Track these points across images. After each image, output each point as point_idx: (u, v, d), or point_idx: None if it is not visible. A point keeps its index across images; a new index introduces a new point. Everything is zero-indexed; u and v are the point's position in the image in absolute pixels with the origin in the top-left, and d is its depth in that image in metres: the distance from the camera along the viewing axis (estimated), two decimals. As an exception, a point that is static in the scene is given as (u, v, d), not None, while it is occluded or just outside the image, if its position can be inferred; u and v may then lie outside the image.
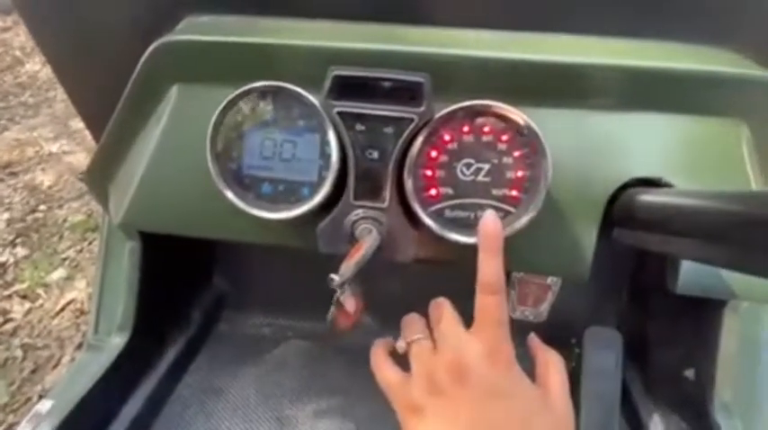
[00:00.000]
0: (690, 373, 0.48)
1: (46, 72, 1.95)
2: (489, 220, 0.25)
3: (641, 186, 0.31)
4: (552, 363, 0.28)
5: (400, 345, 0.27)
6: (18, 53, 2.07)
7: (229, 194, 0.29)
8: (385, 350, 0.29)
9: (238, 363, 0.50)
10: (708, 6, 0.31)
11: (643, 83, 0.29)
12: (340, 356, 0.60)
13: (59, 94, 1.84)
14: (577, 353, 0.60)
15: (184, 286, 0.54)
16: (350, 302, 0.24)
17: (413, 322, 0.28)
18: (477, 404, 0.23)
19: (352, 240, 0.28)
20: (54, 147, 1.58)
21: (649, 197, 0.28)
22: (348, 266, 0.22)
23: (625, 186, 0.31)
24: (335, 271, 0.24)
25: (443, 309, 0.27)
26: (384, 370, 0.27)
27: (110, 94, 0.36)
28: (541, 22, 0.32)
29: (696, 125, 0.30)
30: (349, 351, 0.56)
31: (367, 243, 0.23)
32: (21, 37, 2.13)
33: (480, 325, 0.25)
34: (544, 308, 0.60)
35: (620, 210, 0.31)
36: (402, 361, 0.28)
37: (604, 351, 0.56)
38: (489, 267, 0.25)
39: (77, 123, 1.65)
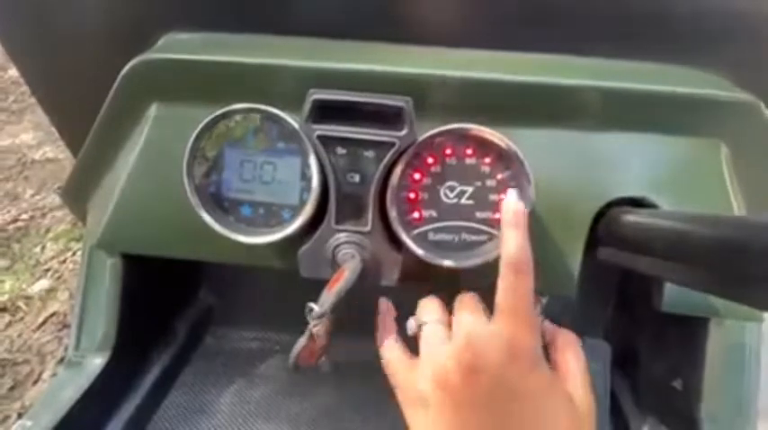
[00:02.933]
0: (678, 384, 0.48)
1: (29, 78, 1.89)
2: (512, 198, 0.24)
3: (625, 206, 0.31)
4: (571, 348, 0.24)
5: (411, 326, 0.24)
6: (1, 59, 2.03)
7: (207, 218, 0.28)
8: (393, 322, 0.25)
9: (225, 379, 0.49)
10: (687, 29, 0.31)
11: (624, 104, 0.30)
12: (329, 371, 0.59)
13: (43, 100, 1.79)
14: (566, 364, 0.59)
15: (169, 300, 0.53)
16: (321, 336, 0.23)
17: (430, 303, 0.25)
18: (487, 407, 0.19)
19: (335, 265, 0.27)
20: (37, 155, 1.55)
21: (632, 218, 0.28)
22: (328, 296, 0.22)
23: (610, 205, 0.31)
24: (324, 284, 0.23)
25: (465, 297, 0.24)
26: (389, 348, 0.24)
27: (87, 111, 0.36)
28: (524, 41, 0.32)
29: (676, 145, 0.31)
30: (339, 365, 0.55)
31: (348, 270, 0.23)
32: (4, 42, 2.08)
33: (503, 312, 0.21)
34: (533, 319, 0.60)
35: (604, 229, 0.31)
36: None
37: (593, 361, 0.56)
38: (515, 241, 0.22)
39: (62, 130, 1.61)
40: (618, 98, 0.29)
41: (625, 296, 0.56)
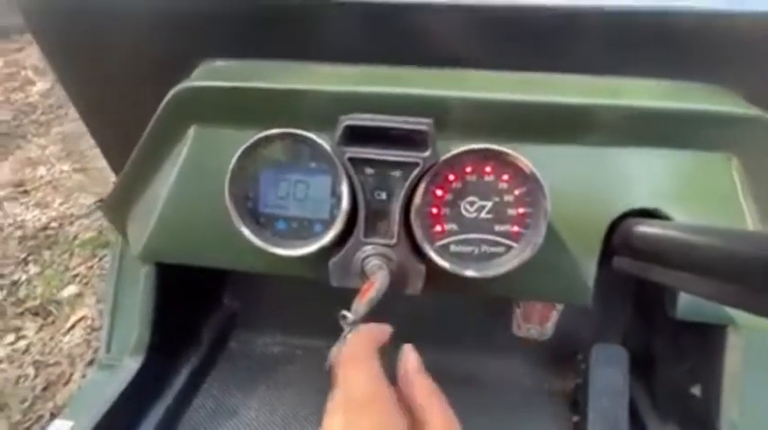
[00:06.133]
0: (696, 390, 0.48)
1: (57, 90, 1.99)
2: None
3: (639, 217, 0.32)
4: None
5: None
6: (30, 73, 2.13)
7: (247, 232, 0.30)
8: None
9: (250, 383, 0.51)
10: (696, 45, 0.32)
11: (637, 121, 0.31)
12: None
13: (71, 112, 1.88)
14: (583, 369, 0.60)
15: (196, 306, 0.55)
16: None
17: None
18: None
19: (363, 275, 0.29)
20: (65, 166, 1.61)
21: (646, 228, 0.29)
22: (361, 304, 0.24)
23: (624, 216, 0.32)
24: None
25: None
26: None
27: (129, 132, 0.39)
28: (536, 61, 0.34)
29: (689, 159, 0.32)
30: None
31: (378, 281, 0.25)
32: (32, 57, 2.18)
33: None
34: (549, 325, 0.61)
35: (618, 239, 0.32)
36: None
37: (611, 368, 0.57)
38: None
39: (88, 141, 1.68)
40: (631, 115, 0.31)
41: (642, 302, 0.56)
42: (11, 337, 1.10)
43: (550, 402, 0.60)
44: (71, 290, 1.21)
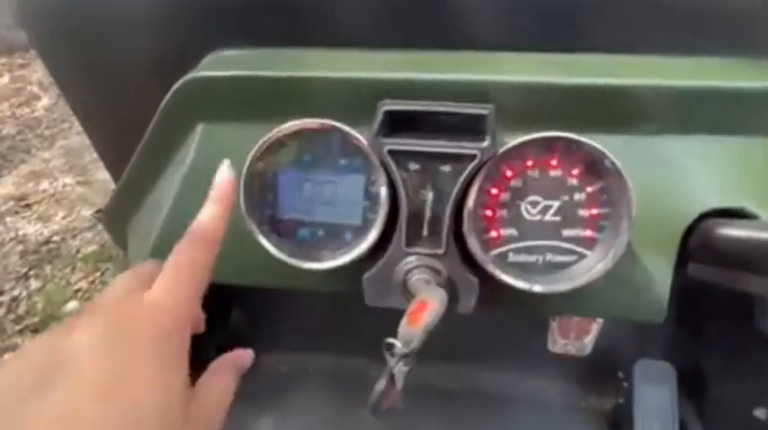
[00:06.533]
0: (761, 413, 0.43)
1: (61, 105, 1.99)
2: (221, 172, 0.22)
3: (720, 217, 0.27)
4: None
5: None
6: (35, 88, 2.13)
7: (265, 242, 0.26)
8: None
9: (258, 403, 0.48)
10: (755, 19, 0.28)
11: (710, 104, 0.27)
12: (363, 392, 0.56)
13: (75, 125, 1.87)
14: (626, 388, 0.55)
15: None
16: (401, 376, 0.20)
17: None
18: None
19: (406, 292, 0.24)
20: (68, 179, 1.59)
21: (730, 230, 0.25)
22: (415, 332, 0.19)
23: (702, 217, 0.27)
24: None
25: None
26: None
27: (129, 134, 0.35)
28: (580, 41, 0.30)
29: None
30: (372, 385, 0.52)
31: (435, 302, 0.20)
32: (38, 72, 2.19)
33: (162, 275, 0.18)
34: (588, 340, 0.56)
35: (696, 244, 0.28)
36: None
37: (658, 386, 0.52)
38: (208, 213, 0.20)
39: (91, 154, 1.66)
40: (703, 98, 0.26)
41: (687, 312, 0.51)
42: (9, 356, 1.07)
43: (588, 422, 0.56)
44: (72, 305, 1.17)
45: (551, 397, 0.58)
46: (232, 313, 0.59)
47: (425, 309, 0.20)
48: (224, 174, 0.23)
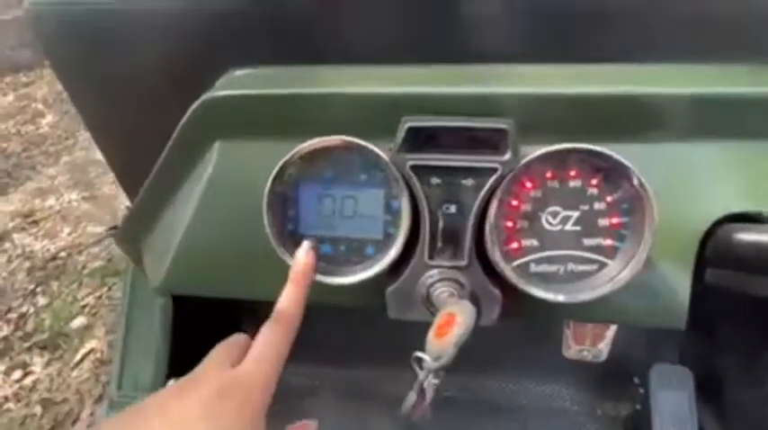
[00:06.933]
0: None
1: (65, 122, 2.02)
2: (300, 254, 0.25)
3: (738, 222, 0.27)
4: None
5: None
6: (40, 105, 2.16)
7: (288, 259, 0.26)
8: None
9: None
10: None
11: (724, 110, 0.27)
12: (374, 405, 0.55)
13: (79, 142, 1.89)
14: (642, 394, 0.54)
15: (211, 337, 0.51)
16: (431, 389, 0.21)
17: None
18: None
19: (429, 305, 0.24)
20: (74, 195, 1.60)
21: (749, 235, 0.25)
22: (445, 347, 0.19)
23: (719, 222, 0.27)
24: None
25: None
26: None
27: (142, 149, 0.35)
28: (594, 51, 0.30)
29: None
30: (383, 397, 0.51)
31: (464, 315, 0.20)
32: (43, 90, 2.22)
33: (250, 356, 0.21)
34: (603, 346, 0.55)
35: (714, 249, 0.28)
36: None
37: (675, 391, 0.51)
38: (287, 296, 0.23)
39: (96, 169, 1.68)
40: (717, 104, 0.27)
41: (702, 316, 0.51)
42: (18, 374, 1.07)
43: (604, 429, 0.55)
44: (80, 321, 1.17)
45: (567, 404, 0.58)
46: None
47: (454, 322, 0.20)
48: (303, 256, 0.25)
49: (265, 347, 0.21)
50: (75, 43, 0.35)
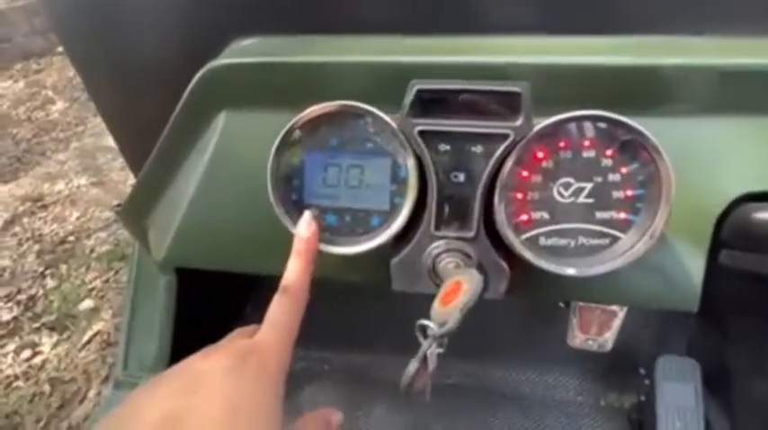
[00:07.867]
0: None
1: (75, 109, 2.03)
2: (302, 225, 0.25)
3: (756, 202, 0.26)
4: None
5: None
6: (50, 92, 2.17)
7: (293, 229, 0.25)
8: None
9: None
10: None
11: (755, 83, 0.26)
12: (380, 391, 0.55)
13: (88, 128, 1.90)
14: (647, 385, 0.54)
15: (217, 318, 0.51)
16: (434, 358, 0.20)
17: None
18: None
19: (435, 276, 0.24)
20: (83, 180, 1.62)
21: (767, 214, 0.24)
22: (451, 313, 0.18)
23: (737, 201, 0.26)
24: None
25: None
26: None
27: (153, 132, 0.35)
28: (608, 23, 0.29)
29: None
30: (390, 384, 0.51)
31: (471, 282, 0.19)
32: (53, 77, 2.24)
33: (265, 325, 0.22)
34: (609, 336, 0.55)
35: (731, 229, 0.27)
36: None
37: (681, 383, 0.51)
38: (293, 267, 0.24)
39: (105, 155, 1.69)
40: (739, 77, 0.26)
41: (711, 307, 0.49)
42: (27, 353, 1.09)
43: (608, 420, 0.55)
44: (87, 304, 1.19)
45: (571, 394, 0.57)
46: (246, 309, 0.59)
47: (460, 290, 0.19)
48: (306, 227, 0.25)
49: (276, 316, 0.22)
50: (86, 22, 0.35)
